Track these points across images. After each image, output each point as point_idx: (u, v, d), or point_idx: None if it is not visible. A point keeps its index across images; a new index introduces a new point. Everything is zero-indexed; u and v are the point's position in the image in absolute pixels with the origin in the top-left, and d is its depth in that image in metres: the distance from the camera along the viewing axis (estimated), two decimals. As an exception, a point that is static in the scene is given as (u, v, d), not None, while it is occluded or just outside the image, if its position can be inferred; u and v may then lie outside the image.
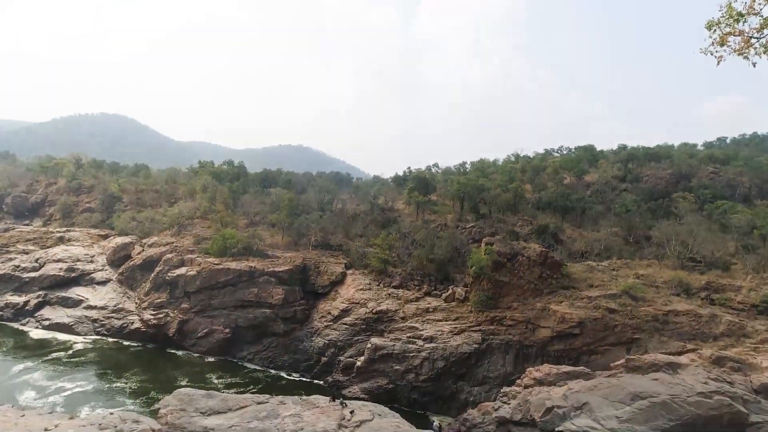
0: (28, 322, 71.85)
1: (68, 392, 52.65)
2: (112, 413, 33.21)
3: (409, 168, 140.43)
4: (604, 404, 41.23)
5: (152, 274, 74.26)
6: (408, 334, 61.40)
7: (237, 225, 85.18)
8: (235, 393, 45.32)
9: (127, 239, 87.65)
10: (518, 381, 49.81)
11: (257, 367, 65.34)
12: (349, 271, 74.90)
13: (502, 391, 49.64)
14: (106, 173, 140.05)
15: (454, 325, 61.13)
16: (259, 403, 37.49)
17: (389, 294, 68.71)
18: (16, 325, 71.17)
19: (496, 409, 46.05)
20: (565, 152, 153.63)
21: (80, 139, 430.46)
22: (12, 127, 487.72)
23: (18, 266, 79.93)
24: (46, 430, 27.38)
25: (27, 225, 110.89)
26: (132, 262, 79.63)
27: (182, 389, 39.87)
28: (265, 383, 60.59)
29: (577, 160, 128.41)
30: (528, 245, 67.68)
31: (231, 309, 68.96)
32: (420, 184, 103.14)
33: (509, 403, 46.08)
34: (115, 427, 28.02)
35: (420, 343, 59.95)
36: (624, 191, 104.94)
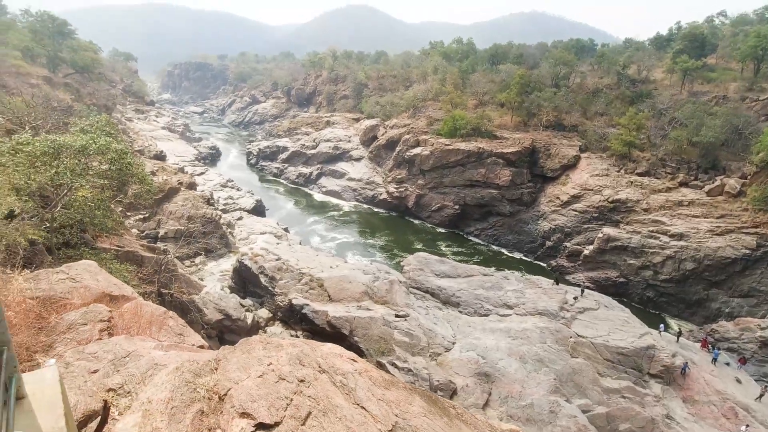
0: (313, 188, 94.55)
1: (339, 241, 69.22)
2: (371, 263, 42.76)
3: (678, 23, 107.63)
4: None
5: (393, 153, 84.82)
6: (650, 228, 54.49)
7: (466, 106, 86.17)
8: (461, 261, 51.01)
9: (373, 122, 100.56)
10: (806, 300, 39.52)
11: (481, 242, 70.57)
12: (584, 155, 68.40)
13: (776, 308, 40.64)
14: (355, 62, 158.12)
15: (717, 224, 50.65)
16: (485, 275, 41.58)
17: (631, 182, 60.63)
18: (306, 189, 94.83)
19: (762, 328, 38.61)
20: None
21: (332, 32, 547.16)
22: (287, 30, 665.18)
23: (304, 145, 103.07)
24: (331, 267, 37.65)
25: (306, 112, 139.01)
26: (378, 143, 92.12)
27: (420, 253, 47.39)
28: (488, 256, 65.55)
29: None
30: None
31: (460, 187, 73.98)
32: (692, 44, 79.80)
33: (785, 324, 37.75)
34: (374, 274, 36.22)
35: (665, 239, 52.68)
36: None
